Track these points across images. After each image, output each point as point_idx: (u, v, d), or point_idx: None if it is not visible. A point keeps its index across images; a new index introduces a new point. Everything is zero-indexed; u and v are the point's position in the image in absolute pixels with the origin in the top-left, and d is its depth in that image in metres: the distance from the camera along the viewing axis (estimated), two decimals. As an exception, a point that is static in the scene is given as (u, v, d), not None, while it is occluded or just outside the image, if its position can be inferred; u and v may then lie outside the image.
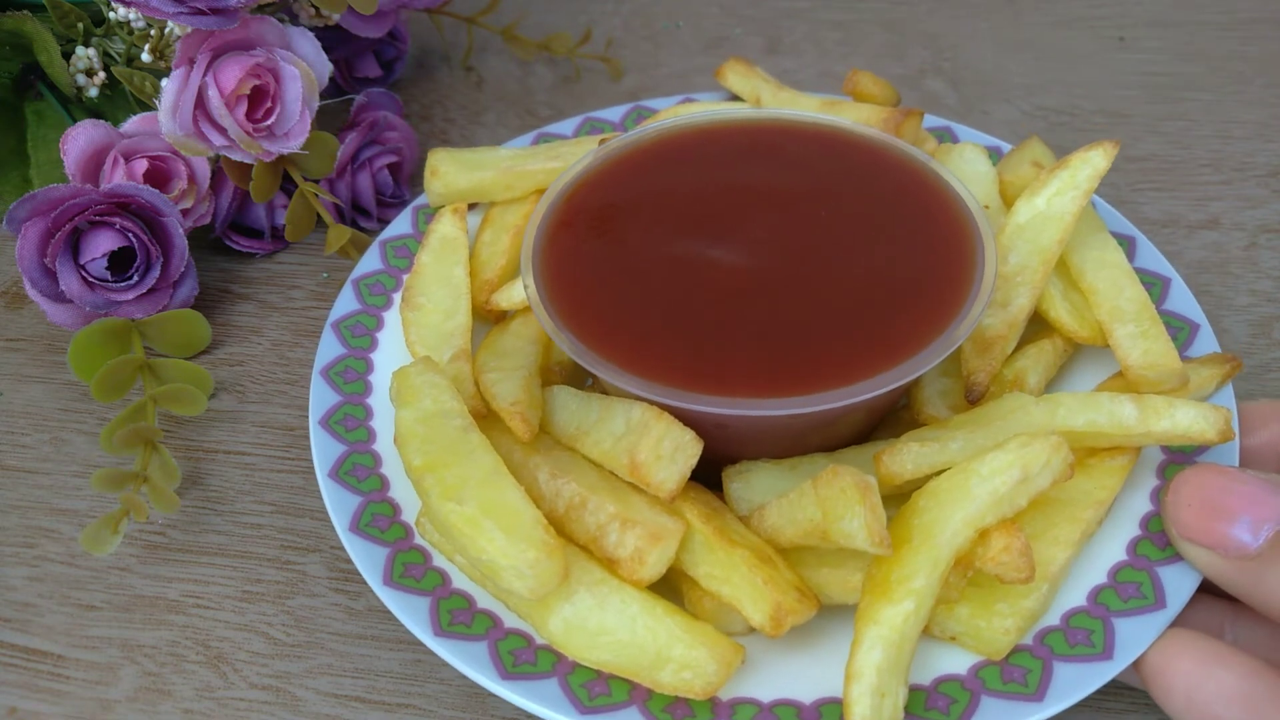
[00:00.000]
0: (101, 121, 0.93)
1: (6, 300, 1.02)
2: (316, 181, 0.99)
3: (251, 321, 1.00)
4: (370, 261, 0.92)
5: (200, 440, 0.90)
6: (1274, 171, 1.08)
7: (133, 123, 0.96)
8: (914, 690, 0.66)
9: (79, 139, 0.92)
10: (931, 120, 1.02)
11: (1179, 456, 0.76)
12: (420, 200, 0.98)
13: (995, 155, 0.98)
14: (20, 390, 0.95)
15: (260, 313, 1.00)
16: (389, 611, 0.78)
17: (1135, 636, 0.67)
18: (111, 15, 0.99)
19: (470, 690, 0.74)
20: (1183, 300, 0.86)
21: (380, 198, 1.07)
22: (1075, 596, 0.70)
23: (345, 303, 0.89)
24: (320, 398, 0.82)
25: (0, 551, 0.83)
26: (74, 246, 0.91)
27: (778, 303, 0.74)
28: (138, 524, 0.83)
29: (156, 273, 0.93)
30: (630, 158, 0.85)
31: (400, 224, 0.96)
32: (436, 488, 0.68)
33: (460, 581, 0.72)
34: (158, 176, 0.94)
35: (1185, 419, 0.71)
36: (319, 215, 0.99)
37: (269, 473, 0.88)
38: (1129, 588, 0.70)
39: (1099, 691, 0.66)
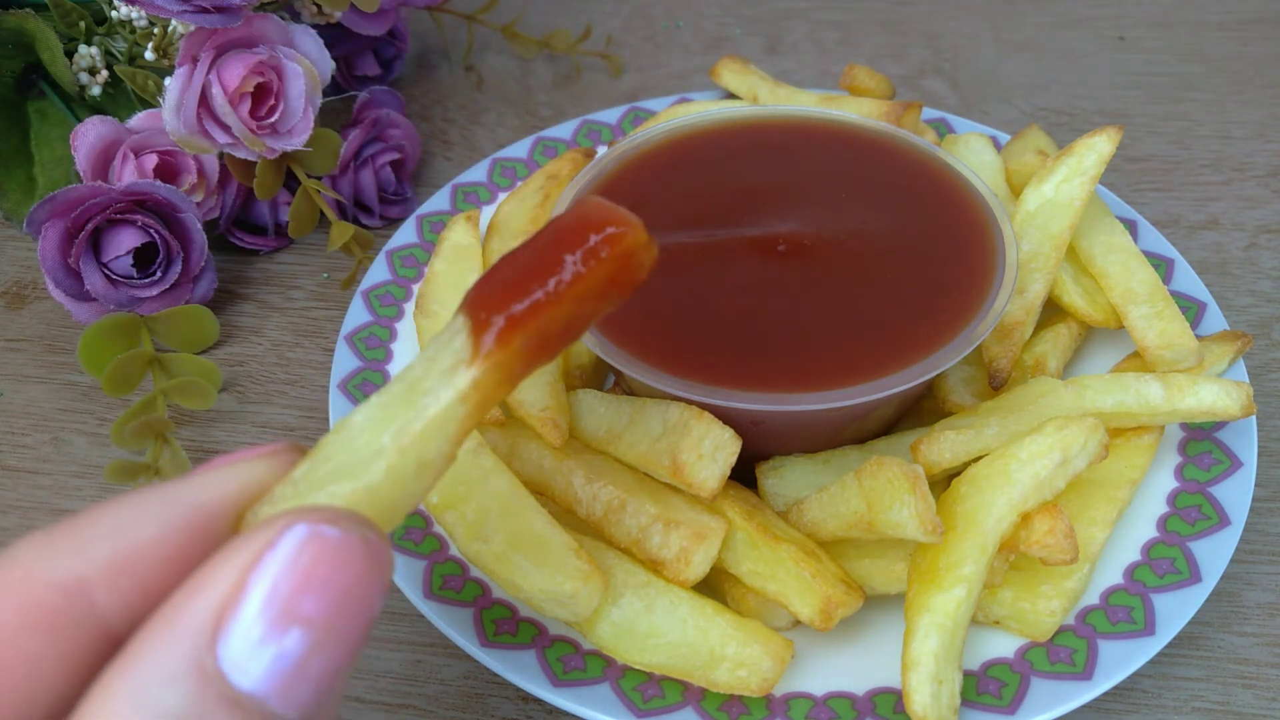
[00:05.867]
0: (109, 118, 0.93)
1: (6, 300, 1.01)
2: (319, 178, 0.99)
3: (251, 322, 0.99)
4: (378, 272, 0.92)
5: (200, 440, 0.89)
6: (1274, 171, 1.09)
7: (139, 118, 0.95)
8: (965, 676, 0.66)
9: (89, 135, 0.91)
10: (926, 113, 1.03)
11: (1199, 433, 0.78)
12: (424, 209, 0.97)
13: (993, 145, 0.98)
14: (20, 390, 0.93)
15: (260, 313, 0.99)
16: (389, 612, 0.78)
17: (1175, 611, 0.68)
18: (114, 14, 0.98)
19: (470, 690, 0.74)
20: (1187, 280, 0.89)
21: (383, 195, 1.06)
22: (1112, 575, 0.71)
23: (356, 315, 0.88)
24: (341, 413, 0.81)
25: (0, 552, 0.82)
26: (94, 245, 0.91)
27: (803, 298, 0.74)
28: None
29: (178, 268, 0.93)
30: (643, 159, 0.85)
31: (405, 233, 0.95)
32: (460, 526, 0.68)
33: (500, 591, 0.71)
34: (167, 171, 0.94)
35: (1209, 396, 0.73)
36: (322, 212, 0.99)
37: (269, 472, 0.87)
38: (1163, 564, 0.71)
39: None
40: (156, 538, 0.40)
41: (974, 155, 0.92)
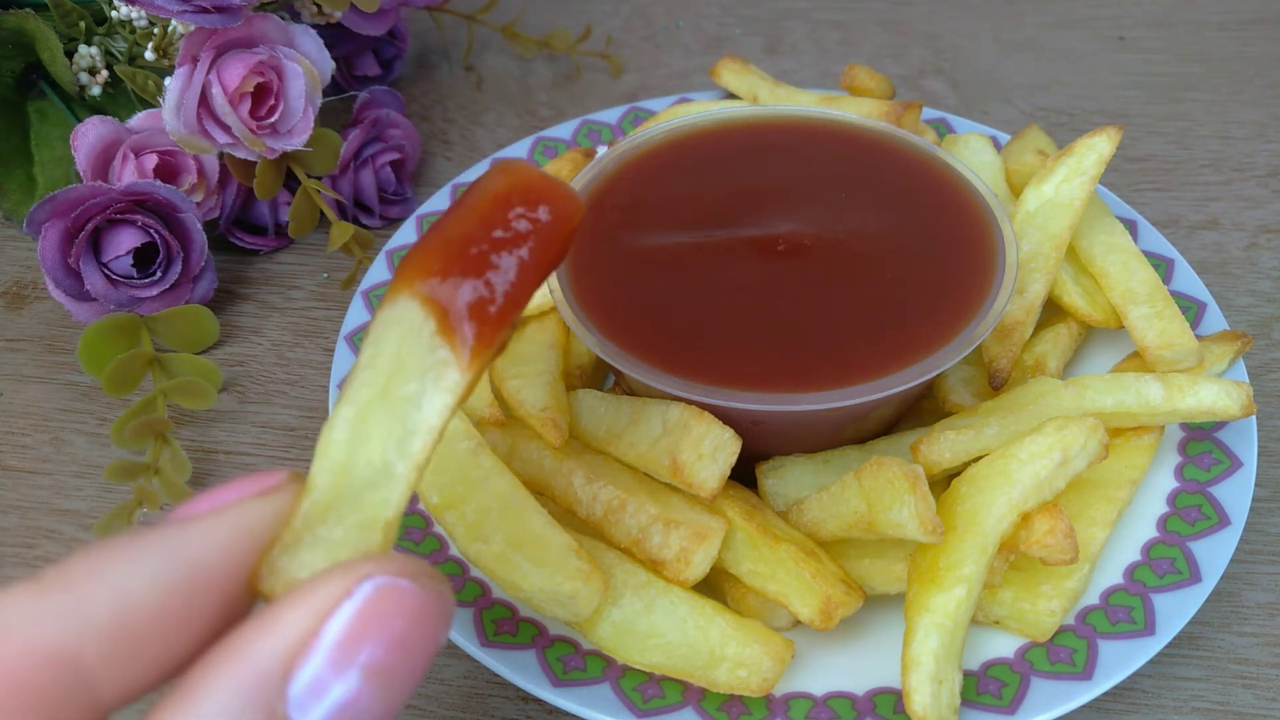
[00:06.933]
0: (109, 118, 0.93)
1: (6, 300, 1.01)
2: (319, 178, 0.99)
3: (251, 322, 0.99)
4: (378, 272, 0.92)
5: (200, 440, 0.89)
6: (1274, 171, 1.09)
7: (139, 118, 0.95)
8: (965, 676, 0.66)
9: (89, 135, 0.91)
10: (926, 113, 1.03)
11: (1199, 433, 0.78)
12: (424, 209, 0.97)
13: (993, 145, 0.98)
14: (20, 390, 0.93)
15: (260, 313, 0.99)
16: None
17: (1175, 611, 0.68)
18: (114, 14, 0.98)
19: (470, 690, 0.74)
20: (1187, 280, 0.89)
21: (383, 195, 1.06)
22: (1112, 575, 0.72)
23: (356, 315, 0.88)
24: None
25: (0, 552, 0.82)
26: (94, 245, 0.91)
27: (803, 298, 0.74)
28: (148, 516, 0.83)
29: (178, 268, 0.93)
30: (644, 159, 0.84)
31: (405, 233, 0.95)
32: (459, 526, 0.68)
33: (500, 591, 0.71)
34: (167, 171, 0.94)
35: (1209, 396, 0.73)
36: (322, 212, 0.99)
37: (269, 473, 0.87)
38: (1163, 564, 0.71)
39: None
40: (158, 603, 0.38)
41: (974, 155, 0.92)
